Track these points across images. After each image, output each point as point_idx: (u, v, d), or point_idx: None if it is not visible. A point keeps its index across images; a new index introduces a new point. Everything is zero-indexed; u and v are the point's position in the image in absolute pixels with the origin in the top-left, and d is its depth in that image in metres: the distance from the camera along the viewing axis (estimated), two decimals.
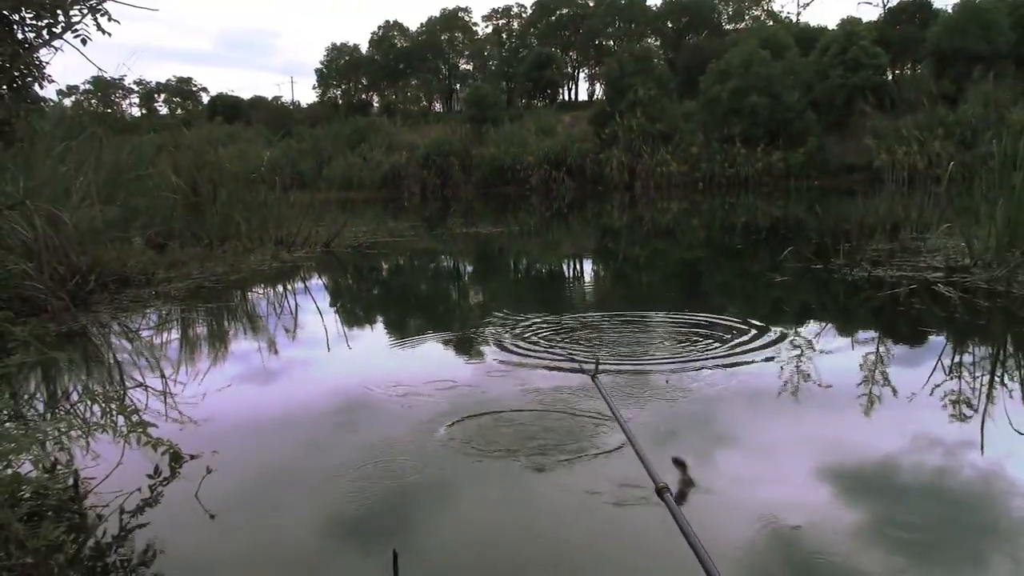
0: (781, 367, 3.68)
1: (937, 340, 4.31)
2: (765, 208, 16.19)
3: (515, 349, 4.19)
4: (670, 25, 41.59)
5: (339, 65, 49.16)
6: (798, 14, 41.89)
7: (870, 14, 55.98)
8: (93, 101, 43.54)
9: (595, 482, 2.35)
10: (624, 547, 2.01)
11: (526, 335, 4.52)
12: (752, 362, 3.77)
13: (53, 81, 6.00)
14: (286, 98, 61.00)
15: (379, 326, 5.44)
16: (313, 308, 6.13)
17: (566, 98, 43.12)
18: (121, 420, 2.65)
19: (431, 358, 4.13)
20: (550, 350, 4.06)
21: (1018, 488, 2.27)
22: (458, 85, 47.69)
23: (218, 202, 9.45)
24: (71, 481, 2.43)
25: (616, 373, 3.59)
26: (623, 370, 3.66)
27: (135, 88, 49.24)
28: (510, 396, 3.32)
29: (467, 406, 3.20)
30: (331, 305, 6.53)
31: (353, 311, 6.44)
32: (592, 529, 2.10)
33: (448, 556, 2.01)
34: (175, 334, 5.21)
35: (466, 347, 4.39)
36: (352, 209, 17.01)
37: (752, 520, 2.07)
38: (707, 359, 3.82)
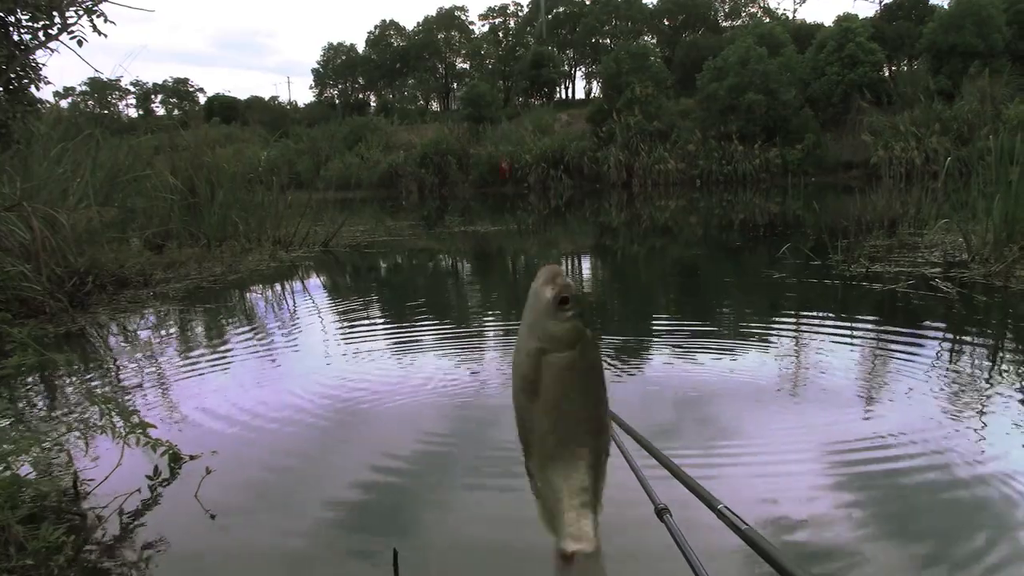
0: (780, 363, 3.68)
1: (935, 335, 4.31)
2: (763, 205, 16.19)
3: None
4: (667, 23, 41.59)
5: (336, 65, 49.16)
6: (794, 11, 41.94)
7: (866, 10, 56.06)
8: (90, 102, 43.49)
9: None
10: None
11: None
12: (751, 358, 3.77)
13: (49, 83, 6.02)
14: (283, 98, 61.08)
15: (378, 325, 5.44)
16: (311, 308, 6.12)
17: (563, 96, 43.10)
18: (120, 421, 2.64)
19: (431, 357, 4.13)
20: None
21: (1017, 482, 2.27)
22: (455, 84, 47.66)
23: (215, 202, 9.44)
24: (70, 482, 2.43)
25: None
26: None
27: (132, 89, 49.24)
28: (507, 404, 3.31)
29: (466, 406, 3.20)
30: (329, 305, 6.52)
31: (351, 311, 6.43)
32: None
33: (448, 553, 2.01)
34: (173, 334, 5.20)
35: (466, 347, 4.38)
36: (350, 208, 17.00)
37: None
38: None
